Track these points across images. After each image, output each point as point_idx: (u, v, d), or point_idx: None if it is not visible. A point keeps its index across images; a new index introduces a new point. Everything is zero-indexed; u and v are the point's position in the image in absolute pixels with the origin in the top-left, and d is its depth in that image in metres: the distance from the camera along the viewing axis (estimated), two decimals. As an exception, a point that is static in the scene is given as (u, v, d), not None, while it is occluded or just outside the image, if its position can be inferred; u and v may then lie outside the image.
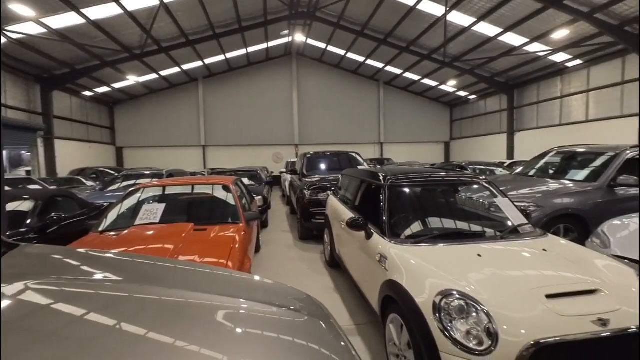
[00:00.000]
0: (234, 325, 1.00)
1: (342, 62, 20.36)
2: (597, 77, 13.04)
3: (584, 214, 4.37)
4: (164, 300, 1.10)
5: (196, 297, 1.15)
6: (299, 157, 8.63)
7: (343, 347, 1.00)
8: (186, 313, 1.02)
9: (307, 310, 1.18)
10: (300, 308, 1.18)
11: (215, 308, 1.09)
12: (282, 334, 1.01)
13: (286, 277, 4.28)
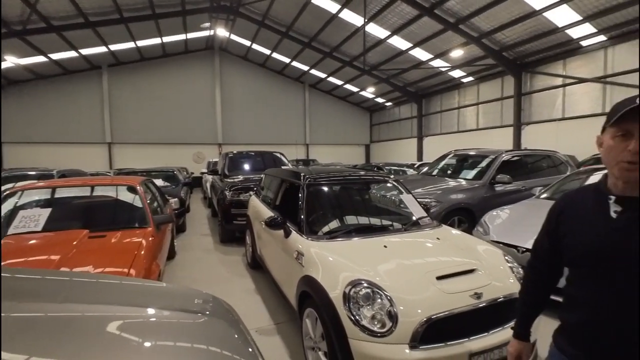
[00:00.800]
0: (127, 335, 0.93)
1: (268, 61, 20.19)
2: (484, 92, 15.49)
3: (472, 207, 5.14)
4: (50, 317, 0.98)
5: (86, 310, 1.05)
6: (221, 156, 8.25)
7: (245, 346, 0.99)
8: (73, 328, 0.92)
9: (210, 311, 1.13)
10: (201, 309, 1.13)
11: (106, 319, 1.00)
12: (179, 339, 0.95)
13: (204, 282, 4.05)
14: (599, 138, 0.99)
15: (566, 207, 1.07)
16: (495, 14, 10.86)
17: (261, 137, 20.96)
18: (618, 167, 0.90)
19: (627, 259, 0.88)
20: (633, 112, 0.85)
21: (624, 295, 0.89)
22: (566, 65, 12.07)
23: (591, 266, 0.96)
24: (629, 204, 0.91)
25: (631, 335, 0.88)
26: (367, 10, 12.23)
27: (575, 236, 1.00)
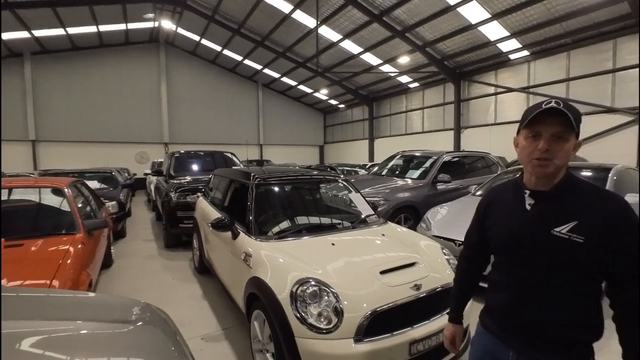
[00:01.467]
0: (41, 351, 0.83)
1: (219, 58, 19.49)
2: (428, 97, 16.55)
3: (417, 204, 5.45)
4: None
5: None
6: (166, 156, 7.77)
7: (180, 357, 0.94)
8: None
9: (141, 320, 1.05)
10: (131, 319, 1.04)
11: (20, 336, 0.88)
12: (102, 352, 0.87)
13: (145, 291, 3.77)
14: (515, 139, 1.10)
15: (491, 201, 1.19)
16: (437, 25, 11.67)
17: (212, 137, 20.14)
18: (531, 164, 1.01)
19: (538, 245, 1.00)
20: (540, 115, 0.97)
21: (536, 277, 1.01)
22: (497, 76, 13.38)
23: (511, 253, 1.07)
24: (540, 196, 1.03)
25: (542, 311, 1.01)
26: (319, 13, 12.38)
27: (498, 227, 1.12)
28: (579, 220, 0.95)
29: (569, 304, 0.98)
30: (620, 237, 0.93)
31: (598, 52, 10.52)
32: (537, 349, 1.02)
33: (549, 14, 9.93)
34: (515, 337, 1.06)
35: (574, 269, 0.96)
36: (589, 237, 0.93)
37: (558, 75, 11.50)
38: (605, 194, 1.00)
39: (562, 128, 0.95)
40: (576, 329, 0.98)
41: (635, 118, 9.77)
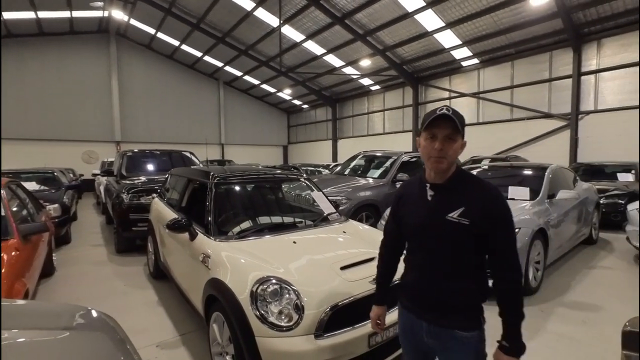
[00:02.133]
0: None
1: (177, 53, 18.60)
2: (389, 100, 17.14)
3: (378, 203, 5.62)
4: None
5: None
6: (117, 155, 7.27)
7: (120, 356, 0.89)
8: None
9: (84, 325, 0.97)
10: (72, 325, 0.96)
11: None
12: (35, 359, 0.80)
13: (92, 299, 3.49)
14: (418, 140, 1.26)
15: (403, 194, 1.38)
16: (396, 30, 12.14)
17: (169, 136, 19.17)
18: (430, 161, 1.19)
19: (437, 229, 1.20)
20: (435, 120, 1.15)
21: (437, 256, 1.22)
22: (451, 81, 14.22)
23: (418, 237, 1.28)
24: (437, 188, 1.23)
25: (442, 283, 1.21)
26: (282, 12, 12.31)
27: (408, 216, 1.31)
28: (466, 207, 1.16)
29: (462, 275, 1.20)
30: (495, 218, 1.15)
31: (537, 63, 11.59)
32: (441, 315, 1.22)
33: (496, 25, 10.75)
34: (425, 309, 1.26)
35: (463, 247, 1.18)
36: (473, 220, 1.14)
37: (504, 82, 12.49)
38: (484, 184, 1.22)
39: (451, 130, 1.15)
40: (468, 295, 1.20)
41: (567, 123, 10.90)
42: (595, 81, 10.38)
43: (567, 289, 3.61)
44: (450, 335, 1.21)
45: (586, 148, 10.53)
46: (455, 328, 1.20)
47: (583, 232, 4.97)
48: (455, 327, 1.20)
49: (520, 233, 3.37)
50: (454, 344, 1.21)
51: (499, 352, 1.17)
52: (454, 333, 1.20)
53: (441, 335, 1.23)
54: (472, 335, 1.20)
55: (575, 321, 2.90)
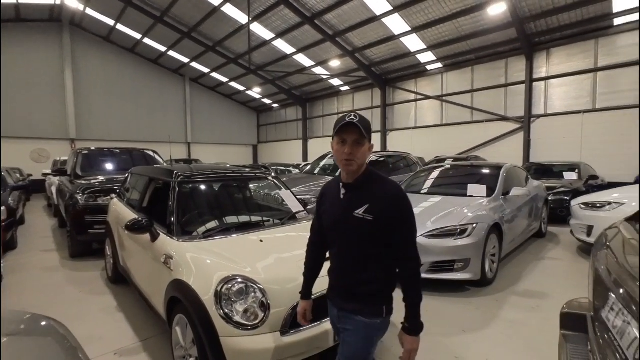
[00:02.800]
0: None
1: (139, 47, 17.70)
2: (358, 101, 17.45)
3: (346, 201, 5.71)
4: None
5: None
6: (71, 154, 6.80)
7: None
8: None
9: (28, 331, 0.91)
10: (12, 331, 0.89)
11: None
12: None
13: (43, 308, 3.23)
14: (332, 144, 1.35)
15: (323, 194, 1.50)
16: (365, 33, 12.39)
17: (131, 134, 18.20)
18: (342, 163, 1.31)
19: (347, 224, 1.32)
20: (344, 127, 1.26)
21: (347, 249, 1.35)
22: (417, 84, 14.76)
23: (334, 232, 1.40)
24: (348, 188, 1.36)
25: (352, 273, 1.34)
26: (251, 9, 12.13)
27: (326, 213, 1.44)
28: (370, 204, 1.28)
29: (368, 266, 1.33)
30: (397, 214, 1.28)
31: (494, 69, 12.34)
32: (348, 302, 1.35)
33: (457, 32, 11.31)
34: (337, 296, 1.41)
35: (369, 240, 1.30)
36: (376, 216, 1.27)
37: (465, 86, 13.17)
38: (387, 182, 1.34)
39: (358, 136, 1.27)
40: (373, 284, 1.32)
41: (521, 125, 11.71)
42: (545, 87, 11.24)
43: (519, 279, 3.89)
44: (353, 320, 1.33)
45: (537, 149, 11.38)
46: (358, 314, 1.32)
47: (534, 227, 5.37)
48: (358, 313, 1.32)
49: (477, 228, 3.58)
50: (352, 326, 1.34)
51: (402, 333, 1.31)
52: (357, 318, 1.32)
53: (346, 320, 1.35)
54: (373, 322, 1.32)
55: (525, 308, 3.13)
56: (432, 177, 5.42)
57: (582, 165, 8.39)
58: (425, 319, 2.92)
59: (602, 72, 10.07)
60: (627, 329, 0.87)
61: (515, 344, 2.54)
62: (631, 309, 0.86)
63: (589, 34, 10.11)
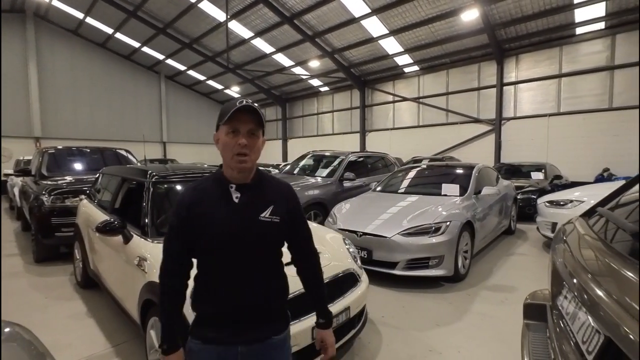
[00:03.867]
0: None
1: (110, 42, 17.01)
2: (338, 102, 17.59)
3: (326, 201, 5.75)
4: None
5: None
6: (36, 153, 6.45)
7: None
8: None
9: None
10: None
11: None
12: None
13: (5, 315, 3.04)
14: (216, 136, 1.11)
15: (192, 203, 1.10)
16: (344, 34, 12.51)
17: (101, 133, 17.45)
18: (234, 159, 1.06)
19: (249, 231, 1.09)
20: (237, 113, 1.03)
21: (250, 259, 1.10)
22: (395, 86, 15.07)
23: (227, 247, 1.07)
24: (244, 189, 1.11)
25: (260, 287, 1.11)
26: (229, 7, 11.95)
27: (211, 226, 1.07)
28: (274, 205, 1.13)
29: (278, 273, 1.20)
30: (296, 212, 1.20)
31: (468, 73, 12.81)
32: (262, 324, 1.12)
33: (433, 36, 11.66)
34: (242, 328, 1.09)
35: (276, 244, 1.17)
36: (282, 216, 1.13)
37: (440, 89, 13.59)
38: (282, 182, 1.23)
39: (254, 125, 1.07)
40: (284, 292, 1.22)
41: (492, 127, 12.22)
42: (514, 91, 11.80)
43: (489, 274, 4.07)
44: (269, 345, 1.12)
45: (508, 150, 11.93)
46: (272, 335, 1.13)
47: (504, 224, 5.63)
48: (272, 334, 1.13)
49: (451, 225, 3.72)
50: (272, 354, 1.13)
51: (319, 331, 1.28)
52: (271, 341, 1.12)
53: (260, 352, 1.11)
54: (285, 335, 1.18)
55: (495, 301, 3.29)
56: (409, 177, 5.57)
57: (548, 166, 8.87)
58: (402, 315, 3.01)
59: (566, 77, 10.70)
60: (577, 314, 0.95)
61: (485, 335, 2.66)
62: (582, 297, 0.93)
63: (553, 42, 10.71)
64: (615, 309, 0.75)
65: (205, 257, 1.12)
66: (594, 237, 1.14)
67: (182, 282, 1.15)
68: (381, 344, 2.58)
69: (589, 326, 0.86)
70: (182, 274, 1.14)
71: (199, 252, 1.11)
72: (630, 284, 0.81)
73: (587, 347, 0.84)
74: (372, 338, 2.65)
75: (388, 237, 3.67)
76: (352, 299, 2.30)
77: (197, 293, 1.13)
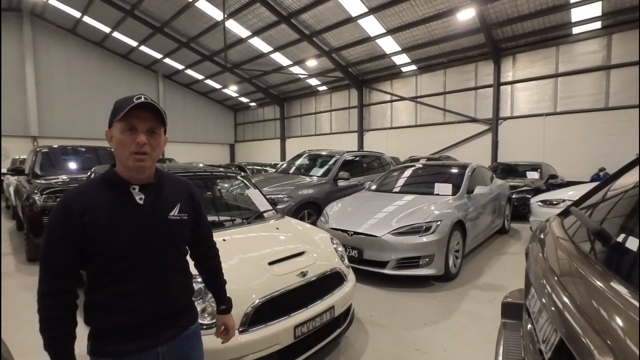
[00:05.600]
0: None
1: (107, 41, 16.99)
2: (336, 101, 17.59)
3: (319, 201, 5.75)
4: None
5: None
6: (30, 152, 6.45)
7: None
8: None
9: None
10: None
11: None
12: None
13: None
14: (108, 132, 1.05)
15: (87, 209, 0.98)
16: (341, 33, 12.50)
17: (98, 132, 17.32)
18: (131, 158, 0.99)
19: (159, 232, 1.06)
20: (134, 109, 0.97)
21: (162, 261, 1.07)
22: (392, 85, 15.07)
23: (134, 254, 1.01)
24: (148, 189, 1.06)
25: (174, 289, 1.10)
26: (226, 6, 11.94)
27: (112, 233, 0.99)
28: (181, 202, 1.14)
29: (185, 269, 1.19)
30: (199, 207, 1.24)
31: (465, 72, 12.81)
32: (178, 320, 1.13)
33: (430, 36, 11.65)
34: (161, 330, 1.07)
35: (185, 242, 1.20)
36: (189, 213, 1.16)
37: (438, 88, 13.59)
38: (181, 180, 1.23)
39: (155, 123, 1.02)
40: (192, 288, 1.23)
41: (489, 127, 12.23)
42: (511, 91, 11.80)
43: (480, 274, 4.07)
44: (185, 338, 1.15)
45: (504, 149, 11.94)
46: (187, 326, 1.17)
47: (497, 223, 5.63)
48: (188, 326, 1.17)
49: (442, 225, 3.72)
50: (188, 346, 1.17)
51: (221, 317, 1.37)
52: (187, 332, 1.16)
53: (178, 346, 1.12)
54: (197, 324, 1.24)
55: (483, 300, 3.30)
56: (403, 177, 5.57)
57: (543, 165, 8.88)
58: (390, 314, 3.01)
59: (562, 77, 10.71)
60: (541, 314, 0.95)
61: (471, 334, 2.67)
62: (543, 296, 0.94)
63: (550, 41, 10.71)
64: (570, 309, 0.75)
65: (110, 267, 1.00)
66: (564, 237, 1.15)
67: (73, 301, 1.00)
68: (368, 343, 2.58)
69: (548, 326, 0.86)
70: (72, 291, 0.99)
71: (99, 263, 0.99)
72: (588, 286, 0.81)
73: (545, 346, 0.84)
74: (359, 337, 2.66)
75: (378, 237, 3.67)
76: (337, 298, 2.31)
77: (98, 308, 1.02)
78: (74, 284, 1.00)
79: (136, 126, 0.99)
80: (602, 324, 0.63)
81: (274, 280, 2.03)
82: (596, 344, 0.60)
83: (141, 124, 1.00)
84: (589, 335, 0.63)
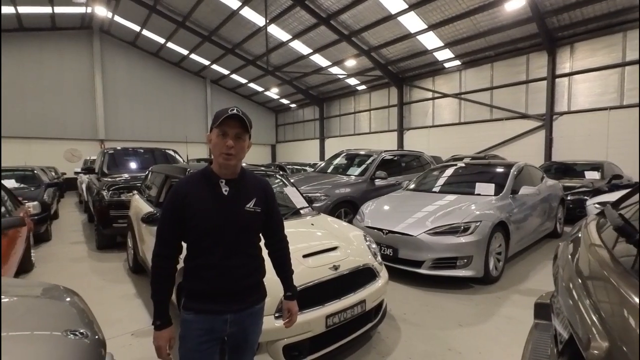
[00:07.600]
0: None
1: (162, 51, 18.46)
2: (375, 100, 17.40)
3: (356, 199, 5.80)
4: None
5: None
6: (99, 153, 7.28)
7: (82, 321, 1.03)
8: None
9: (51, 296, 1.12)
10: (37, 294, 1.10)
11: None
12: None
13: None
14: (208, 136, 1.31)
15: (186, 195, 1.27)
16: (380, 32, 12.37)
17: (154, 134, 19.01)
18: (221, 157, 1.26)
19: (236, 219, 1.30)
20: (227, 119, 1.25)
21: (237, 244, 1.31)
22: (434, 82, 14.56)
23: (216, 233, 1.26)
24: (232, 183, 1.33)
25: (244, 267, 1.33)
26: (268, 12, 12.40)
27: (201, 215, 1.25)
28: (257, 197, 1.37)
29: (257, 255, 1.40)
30: (272, 203, 1.45)
31: (515, 65, 11.99)
32: (245, 296, 1.35)
33: (475, 29, 11.09)
34: (232, 300, 1.31)
35: (258, 230, 1.42)
36: (262, 207, 1.37)
37: (484, 84, 12.88)
38: (260, 177, 1.45)
39: (241, 130, 1.28)
40: (262, 270, 1.43)
41: (542, 123, 11.33)
42: (568, 83, 10.83)
43: (525, 279, 3.86)
44: (249, 314, 1.36)
45: (560, 147, 10.99)
46: (254, 304, 1.38)
47: (547, 226, 5.26)
48: (254, 303, 1.38)
49: (481, 226, 3.60)
50: (250, 321, 1.38)
51: (287, 302, 1.53)
52: (252, 310, 1.37)
53: (243, 318, 1.34)
54: (262, 304, 1.44)
55: (524, 306, 3.14)
56: (443, 176, 5.42)
57: (605, 164, 8.06)
58: (424, 313, 3.01)
59: (630, 66, 9.60)
60: (560, 313, 0.96)
61: (508, 339, 2.58)
62: (567, 295, 0.94)
63: (615, 27, 9.65)
64: (585, 310, 0.77)
65: (198, 241, 1.28)
66: (594, 237, 1.12)
67: (173, 265, 1.31)
68: (399, 339, 2.61)
69: (564, 323, 0.88)
70: (173, 257, 1.31)
71: (192, 237, 1.28)
72: (607, 286, 0.81)
73: (558, 341, 0.86)
74: (391, 333, 2.70)
75: (414, 236, 3.65)
76: (368, 292, 2.38)
77: (189, 273, 1.31)
78: (175, 252, 1.31)
79: (227, 132, 1.25)
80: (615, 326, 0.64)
81: (307, 271, 2.16)
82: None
83: (231, 131, 1.25)
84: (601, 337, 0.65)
